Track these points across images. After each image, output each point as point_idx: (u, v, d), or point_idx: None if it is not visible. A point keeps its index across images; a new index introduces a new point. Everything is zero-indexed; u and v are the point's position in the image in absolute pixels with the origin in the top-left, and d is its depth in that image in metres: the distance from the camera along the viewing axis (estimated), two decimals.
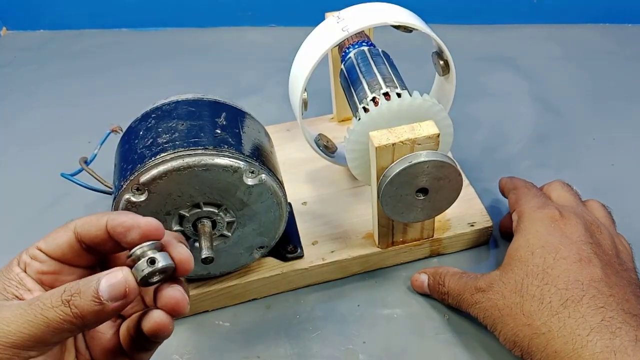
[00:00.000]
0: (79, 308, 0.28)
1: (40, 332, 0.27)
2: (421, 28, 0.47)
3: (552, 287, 0.39)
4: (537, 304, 0.39)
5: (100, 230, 0.31)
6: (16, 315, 0.28)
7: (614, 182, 0.59)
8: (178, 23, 0.92)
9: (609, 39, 0.81)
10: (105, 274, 0.29)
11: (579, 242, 0.42)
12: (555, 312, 0.38)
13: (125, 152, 0.42)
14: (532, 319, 0.39)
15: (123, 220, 0.31)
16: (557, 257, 0.41)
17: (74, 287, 0.28)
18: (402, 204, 0.44)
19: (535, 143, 0.65)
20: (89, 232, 0.32)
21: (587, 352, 0.35)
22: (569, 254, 0.41)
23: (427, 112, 0.45)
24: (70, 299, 0.28)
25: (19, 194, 0.65)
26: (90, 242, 0.32)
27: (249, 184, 0.41)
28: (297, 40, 0.50)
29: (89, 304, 0.28)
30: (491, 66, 0.78)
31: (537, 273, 0.41)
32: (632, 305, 0.38)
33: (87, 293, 0.28)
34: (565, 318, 0.38)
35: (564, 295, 0.39)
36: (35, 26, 0.96)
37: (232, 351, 0.47)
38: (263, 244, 0.46)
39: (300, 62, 0.49)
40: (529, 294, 0.40)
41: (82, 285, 0.28)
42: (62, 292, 0.28)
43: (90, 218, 0.32)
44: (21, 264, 0.32)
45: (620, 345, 0.35)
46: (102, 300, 0.28)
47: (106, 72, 0.84)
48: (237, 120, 0.44)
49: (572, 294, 0.38)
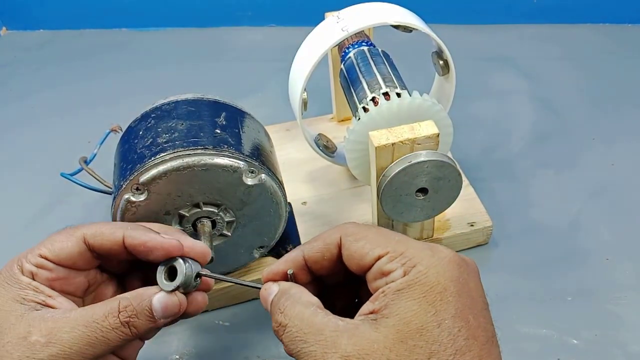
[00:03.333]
0: (137, 328, 0.31)
1: (101, 351, 0.31)
2: (421, 28, 0.47)
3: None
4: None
5: (117, 244, 0.33)
6: (76, 338, 0.30)
7: (614, 182, 0.59)
8: (178, 23, 0.92)
9: (609, 39, 0.81)
10: (155, 294, 0.32)
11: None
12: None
13: (125, 152, 0.42)
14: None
15: (144, 241, 0.32)
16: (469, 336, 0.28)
17: (129, 307, 0.31)
18: (402, 204, 0.44)
19: (535, 143, 0.65)
20: (102, 245, 0.33)
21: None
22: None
23: (427, 112, 0.45)
24: (129, 320, 0.31)
25: (19, 194, 0.65)
26: (105, 253, 0.33)
27: (249, 183, 0.41)
28: (297, 40, 0.50)
29: (146, 323, 0.31)
30: (491, 66, 0.78)
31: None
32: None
33: (143, 314, 0.31)
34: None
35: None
36: (35, 26, 0.96)
37: (232, 351, 0.47)
38: (263, 244, 0.46)
39: (300, 62, 0.49)
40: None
41: (136, 306, 0.31)
42: (119, 313, 0.31)
43: (102, 230, 0.33)
44: (26, 273, 0.32)
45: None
46: (156, 319, 0.32)
47: (106, 72, 0.84)
48: (237, 120, 0.44)
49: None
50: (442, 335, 0.27)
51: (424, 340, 0.27)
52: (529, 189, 0.59)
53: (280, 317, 0.30)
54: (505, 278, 0.50)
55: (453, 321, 0.27)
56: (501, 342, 0.45)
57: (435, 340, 0.27)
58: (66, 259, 0.33)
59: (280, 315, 0.30)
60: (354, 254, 0.31)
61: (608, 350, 0.44)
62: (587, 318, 0.47)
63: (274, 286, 0.33)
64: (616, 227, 0.54)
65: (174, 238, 0.33)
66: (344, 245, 0.31)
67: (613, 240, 0.53)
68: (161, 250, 0.32)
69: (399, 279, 0.28)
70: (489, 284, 0.50)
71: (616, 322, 0.46)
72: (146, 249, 0.32)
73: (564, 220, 0.55)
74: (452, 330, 0.27)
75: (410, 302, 0.28)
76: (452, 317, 0.28)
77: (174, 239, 0.33)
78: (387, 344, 0.27)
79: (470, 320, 0.28)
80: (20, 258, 0.33)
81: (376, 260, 0.30)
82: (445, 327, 0.27)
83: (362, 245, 0.31)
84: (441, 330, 0.27)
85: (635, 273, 0.50)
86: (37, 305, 0.31)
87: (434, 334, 0.27)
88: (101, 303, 0.32)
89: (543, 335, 0.46)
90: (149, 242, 0.32)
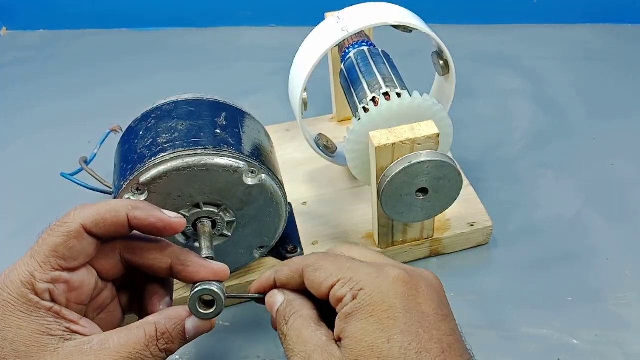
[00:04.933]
0: (172, 350, 0.33)
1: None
2: (421, 28, 0.47)
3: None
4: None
5: (123, 227, 0.33)
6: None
7: (614, 182, 0.59)
8: (178, 23, 0.92)
9: (609, 39, 0.81)
10: (188, 318, 0.33)
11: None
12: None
13: (125, 152, 0.42)
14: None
15: (152, 222, 0.33)
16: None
17: (166, 334, 0.32)
18: (402, 204, 0.44)
19: (535, 143, 0.65)
20: (108, 230, 0.33)
21: None
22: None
23: (427, 112, 0.45)
24: (167, 347, 0.32)
25: (18, 194, 0.65)
26: (108, 236, 0.34)
27: (249, 184, 0.41)
28: (297, 40, 0.50)
29: (179, 346, 0.33)
30: (491, 66, 0.78)
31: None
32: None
33: (177, 338, 0.33)
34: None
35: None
36: (35, 26, 0.96)
37: (232, 351, 0.47)
38: (263, 244, 0.46)
39: (300, 62, 0.49)
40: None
41: (172, 331, 0.33)
42: (157, 340, 0.32)
43: (101, 214, 0.33)
44: (42, 294, 0.30)
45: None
46: (187, 339, 0.33)
47: (106, 72, 0.84)
48: (237, 120, 0.44)
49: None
50: (393, 350, 0.28)
51: (376, 356, 0.28)
52: (529, 189, 0.59)
53: (284, 328, 0.33)
54: (505, 278, 0.50)
55: (402, 336, 0.29)
56: (501, 342, 0.45)
57: (387, 355, 0.28)
58: (78, 258, 0.32)
59: (284, 326, 0.33)
60: (314, 284, 0.33)
61: (608, 350, 0.44)
62: (587, 318, 0.47)
63: (279, 295, 0.35)
64: (616, 227, 0.54)
65: (178, 216, 0.35)
66: (305, 275, 0.33)
67: (613, 240, 0.53)
68: (170, 230, 0.34)
69: (349, 303, 0.30)
70: (489, 284, 0.51)
71: (616, 322, 0.46)
72: (155, 229, 0.34)
73: (564, 220, 0.55)
74: (402, 344, 0.29)
75: (360, 323, 0.30)
76: (401, 332, 0.29)
77: (179, 217, 0.35)
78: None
79: (421, 334, 0.29)
80: (24, 278, 0.30)
81: (331, 288, 0.32)
82: (395, 342, 0.29)
83: (318, 275, 0.33)
84: (391, 346, 0.29)
85: (635, 273, 0.50)
86: (66, 335, 0.30)
87: (385, 349, 0.28)
88: (135, 328, 0.32)
89: (543, 335, 0.46)
90: (157, 223, 0.33)
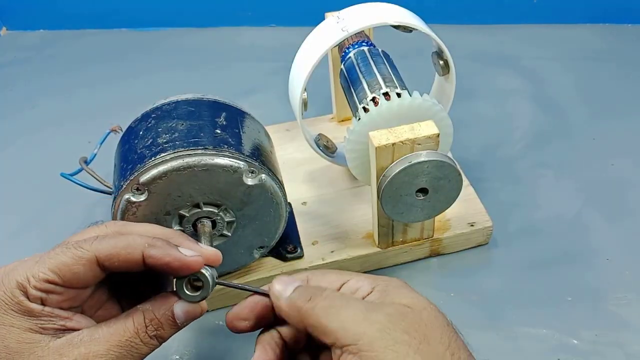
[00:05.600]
0: (163, 337, 0.33)
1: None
2: (421, 28, 0.47)
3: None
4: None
5: (137, 264, 0.32)
6: (115, 358, 0.31)
7: (614, 182, 0.59)
8: (178, 23, 0.92)
9: (609, 39, 0.81)
10: (177, 302, 0.33)
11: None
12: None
13: (125, 152, 0.42)
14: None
15: (167, 262, 0.32)
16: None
17: (154, 321, 0.32)
18: (402, 204, 0.44)
19: (535, 143, 0.65)
20: (120, 267, 0.32)
21: None
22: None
23: (427, 112, 0.45)
24: (157, 333, 0.32)
25: (18, 194, 0.65)
26: (120, 271, 0.32)
27: (249, 184, 0.41)
28: (297, 40, 0.50)
29: (170, 331, 0.33)
30: (491, 66, 0.78)
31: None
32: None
33: (167, 324, 0.33)
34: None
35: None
36: (35, 26, 0.96)
37: (232, 351, 0.47)
38: (263, 244, 0.46)
39: (300, 62, 0.49)
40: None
41: (161, 317, 0.32)
42: (146, 327, 0.32)
43: (118, 252, 0.31)
44: (34, 299, 0.30)
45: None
46: (178, 324, 0.33)
47: (106, 72, 0.84)
48: (237, 120, 0.44)
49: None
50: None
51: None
52: (529, 189, 0.59)
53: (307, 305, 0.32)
54: (505, 278, 0.50)
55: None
56: (501, 342, 0.45)
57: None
58: (78, 283, 0.31)
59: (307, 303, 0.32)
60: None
61: (608, 350, 0.44)
62: (587, 318, 0.47)
63: (293, 281, 0.34)
64: (616, 227, 0.54)
65: (195, 254, 0.33)
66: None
67: (613, 240, 0.53)
68: (187, 269, 0.32)
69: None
70: (489, 284, 0.51)
71: (616, 322, 0.46)
72: (170, 269, 0.32)
73: (564, 220, 0.55)
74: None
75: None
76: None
77: (196, 255, 0.33)
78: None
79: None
80: (20, 281, 0.30)
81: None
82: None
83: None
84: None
85: (635, 273, 0.50)
86: (58, 332, 0.30)
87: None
88: (123, 317, 0.32)
89: (543, 335, 0.46)
90: (172, 262, 0.32)
